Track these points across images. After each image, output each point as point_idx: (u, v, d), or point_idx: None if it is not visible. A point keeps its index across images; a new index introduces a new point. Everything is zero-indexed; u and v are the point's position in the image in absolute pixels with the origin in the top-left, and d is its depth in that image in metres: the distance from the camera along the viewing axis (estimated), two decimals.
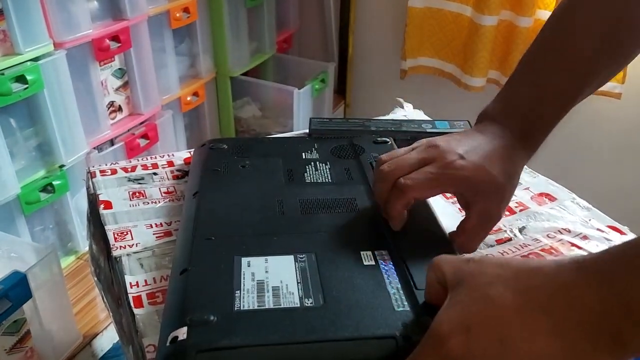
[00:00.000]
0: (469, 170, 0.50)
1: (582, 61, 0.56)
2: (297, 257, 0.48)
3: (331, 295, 0.44)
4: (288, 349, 0.40)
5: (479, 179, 0.51)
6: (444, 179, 0.50)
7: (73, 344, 1.12)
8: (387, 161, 0.53)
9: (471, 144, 0.53)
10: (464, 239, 0.52)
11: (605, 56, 0.56)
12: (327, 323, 0.41)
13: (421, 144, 0.54)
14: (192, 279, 0.46)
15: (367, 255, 0.49)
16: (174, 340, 0.40)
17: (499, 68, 1.64)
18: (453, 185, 0.52)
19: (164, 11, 1.43)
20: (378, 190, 0.53)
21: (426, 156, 0.51)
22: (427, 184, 0.50)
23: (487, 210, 0.52)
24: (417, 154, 0.52)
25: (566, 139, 1.65)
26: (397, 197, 0.50)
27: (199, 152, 0.69)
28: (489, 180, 0.51)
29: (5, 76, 1.04)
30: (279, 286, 0.45)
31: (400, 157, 0.53)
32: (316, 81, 1.80)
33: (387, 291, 0.45)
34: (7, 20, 1.05)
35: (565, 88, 0.56)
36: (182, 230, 0.55)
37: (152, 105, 1.45)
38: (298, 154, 0.67)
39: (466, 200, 0.52)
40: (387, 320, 0.42)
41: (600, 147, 1.65)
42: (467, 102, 1.72)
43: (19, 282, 0.92)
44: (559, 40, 0.58)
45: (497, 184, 0.51)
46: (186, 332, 0.40)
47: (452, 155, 0.51)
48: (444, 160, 0.51)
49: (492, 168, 0.51)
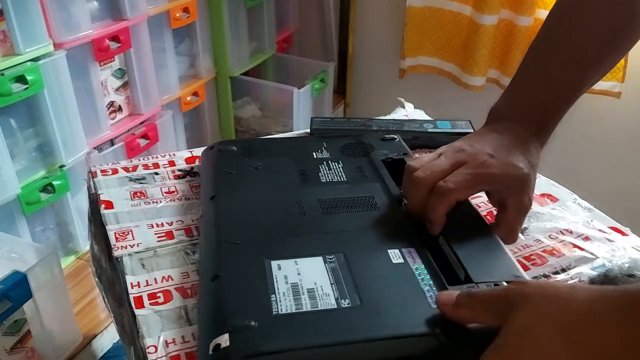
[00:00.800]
0: (500, 168, 0.53)
1: (589, 54, 0.58)
2: (326, 257, 0.48)
3: (367, 295, 0.44)
4: (331, 350, 0.40)
5: (511, 174, 0.53)
6: (481, 178, 0.53)
7: (73, 344, 1.12)
8: (418, 168, 0.54)
9: (494, 143, 0.55)
10: (504, 231, 0.55)
11: (610, 48, 0.59)
12: (366, 323, 0.42)
13: (447, 149, 0.56)
14: (226, 284, 0.46)
15: (395, 253, 0.49)
16: (216, 347, 0.40)
17: (499, 67, 1.64)
18: (489, 183, 0.54)
19: (164, 11, 1.42)
20: (416, 197, 0.54)
21: (457, 160, 0.54)
22: (466, 184, 0.52)
23: (522, 202, 0.54)
24: (448, 159, 0.54)
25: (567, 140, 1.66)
26: (439, 201, 0.52)
27: (207, 154, 0.69)
28: (519, 174, 0.54)
29: (5, 76, 1.04)
30: (313, 288, 0.45)
31: (431, 162, 0.55)
32: (316, 81, 1.80)
33: (421, 288, 0.45)
34: (7, 20, 1.04)
35: (573, 81, 0.59)
36: (205, 235, 0.55)
37: (152, 105, 1.45)
38: (308, 153, 0.67)
39: (500, 196, 0.55)
40: (426, 318, 0.42)
41: (602, 148, 1.65)
42: (466, 101, 1.73)
43: (19, 282, 0.92)
44: (565, 34, 0.60)
45: (525, 177, 0.54)
46: (228, 338, 0.40)
47: (483, 155, 0.53)
48: (476, 161, 0.53)
49: (518, 162, 0.54)
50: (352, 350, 0.40)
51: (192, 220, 0.62)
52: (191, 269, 0.55)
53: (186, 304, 0.51)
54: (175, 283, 0.54)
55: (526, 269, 0.55)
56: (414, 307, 0.43)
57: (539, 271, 0.55)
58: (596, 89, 1.51)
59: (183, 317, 0.50)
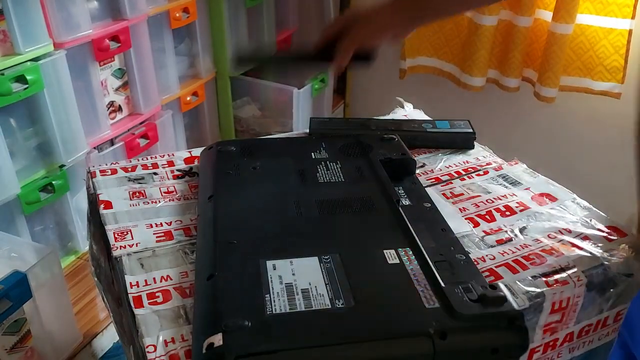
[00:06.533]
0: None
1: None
2: (322, 258, 0.49)
3: (361, 296, 0.44)
4: (325, 351, 0.40)
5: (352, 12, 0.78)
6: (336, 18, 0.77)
7: (73, 344, 1.12)
8: None
9: None
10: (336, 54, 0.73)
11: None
12: (361, 323, 0.42)
13: None
14: (221, 284, 0.46)
15: (391, 253, 0.49)
16: (210, 347, 0.40)
17: (498, 67, 1.64)
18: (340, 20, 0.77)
19: (164, 11, 1.42)
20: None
21: None
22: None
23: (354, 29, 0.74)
24: None
25: (566, 140, 1.66)
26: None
27: (206, 154, 0.69)
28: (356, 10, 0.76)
29: (5, 76, 1.04)
30: (308, 288, 0.45)
31: None
32: (316, 81, 1.80)
33: (416, 289, 0.45)
34: (7, 20, 1.04)
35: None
36: (202, 234, 0.55)
37: (152, 105, 1.45)
38: (307, 153, 0.67)
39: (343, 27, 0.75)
40: (419, 318, 0.42)
41: (601, 148, 1.65)
42: (466, 102, 1.73)
43: (19, 282, 0.92)
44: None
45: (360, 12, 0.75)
46: (222, 338, 0.40)
47: None
48: None
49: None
50: (346, 350, 0.40)
51: (191, 220, 0.62)
52: (190, 268, 0.55)
53: (185, 304, 0.51)
54: (174, 283, 0.54)
55: (525, 268, 0.55)
56: (408, 307, 0.43)
57: (538, 270, 0.55)
58: (596, 90, 1.51)
59: (182, 317, 0.50)
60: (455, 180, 0.71)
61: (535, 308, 0.52)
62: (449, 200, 0.67)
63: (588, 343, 0.59)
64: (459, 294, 0.45)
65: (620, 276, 0.56)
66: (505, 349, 0.43)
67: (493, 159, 0.76)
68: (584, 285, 0.54)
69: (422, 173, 0.72)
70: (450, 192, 0.68)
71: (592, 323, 0.57)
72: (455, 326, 0.40)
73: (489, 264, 0.56)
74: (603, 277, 0.55)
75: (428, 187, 0.68)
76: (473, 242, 0.59)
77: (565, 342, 0.57)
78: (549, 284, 0.53)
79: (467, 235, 0.60)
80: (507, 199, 0.67)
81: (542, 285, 0.53)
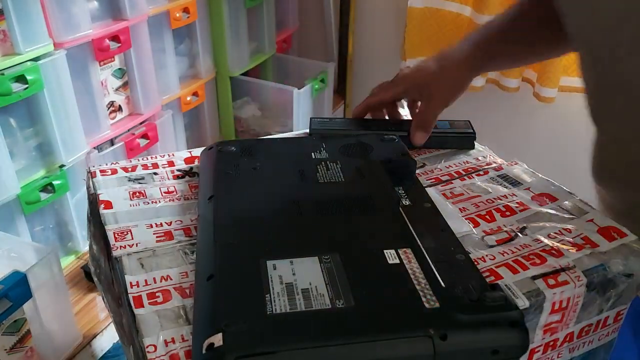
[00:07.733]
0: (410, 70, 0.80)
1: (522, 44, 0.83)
2: (322, 258, 0.49)
3: (361, 296, 0.44)
4: (325, 351, 0.40)
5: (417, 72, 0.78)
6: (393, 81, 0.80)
7: (73, 344, 1.12)
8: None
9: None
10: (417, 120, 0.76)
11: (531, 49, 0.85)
12: (361, 324, 0.42)
13: None
14: (221, 284, 0.46)
15: (391, 253, 0.49)
16: (209, 347, 0.40)
17: None
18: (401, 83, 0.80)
19: (164, 11, 1.43)
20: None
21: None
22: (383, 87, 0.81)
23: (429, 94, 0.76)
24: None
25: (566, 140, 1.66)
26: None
27: (206, 154, 0.69)
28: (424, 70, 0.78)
29: (5, 76, 1.04)
30: (308, 288, 0.45)
31: None
32: (316, 81, 1.80)
33: (416, 289, 0.45)
34: (7, 20, 1.04)
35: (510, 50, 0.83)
36: (202, 235, 0.55)
37: (152, 105, 1.45)
38: (307, 153, 0.67)
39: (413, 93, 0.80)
40: (420, 319, 0.42)
41: None
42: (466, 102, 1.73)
43: (19, 282, 0.92)
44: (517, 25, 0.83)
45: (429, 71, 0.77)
46: (221, 338, 0.40)
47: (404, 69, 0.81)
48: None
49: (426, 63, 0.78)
50: (346, 350, 0.40)
51: (191, 220, 0.62)
52: (190, 268, 0.55)
53: (185, 304, 0.51)
54: (174, 283, 0.54)
55: (525, 268, 0.55)
56: (409, 307, 0.43)
57: (538, 271, 0.55)
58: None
59: (182, 317, 0.50)
60: (456, 181, 0.71)
61: (536, 308, 0.52)
62: (449, 200, 0.67)
63: (588, 343, 0.59)
64: (459, 294, 0.45)
65: (620, 276, 0.56)
66: (505, 350, 0.43)
67: (493, 159, 0.76)
68: (584, 286, 0.54)
69: (422, 173, 0.72)
70: (451, 192, 0.68)
71: (592, 323, 0.58)
72: (455, 327, 0.40)
73: (489, 264, 0.56)
74: (603, 277, 0.55)
75: (428, 187, 0.68)
76: (473, 242, 0.59)
77: (566, 342, 0.57)
78: (549, 284, 0.53)
79: (467, 235, 0.60)
80: (507, 199, 0.67)
81: (543, 286, 0.53)
